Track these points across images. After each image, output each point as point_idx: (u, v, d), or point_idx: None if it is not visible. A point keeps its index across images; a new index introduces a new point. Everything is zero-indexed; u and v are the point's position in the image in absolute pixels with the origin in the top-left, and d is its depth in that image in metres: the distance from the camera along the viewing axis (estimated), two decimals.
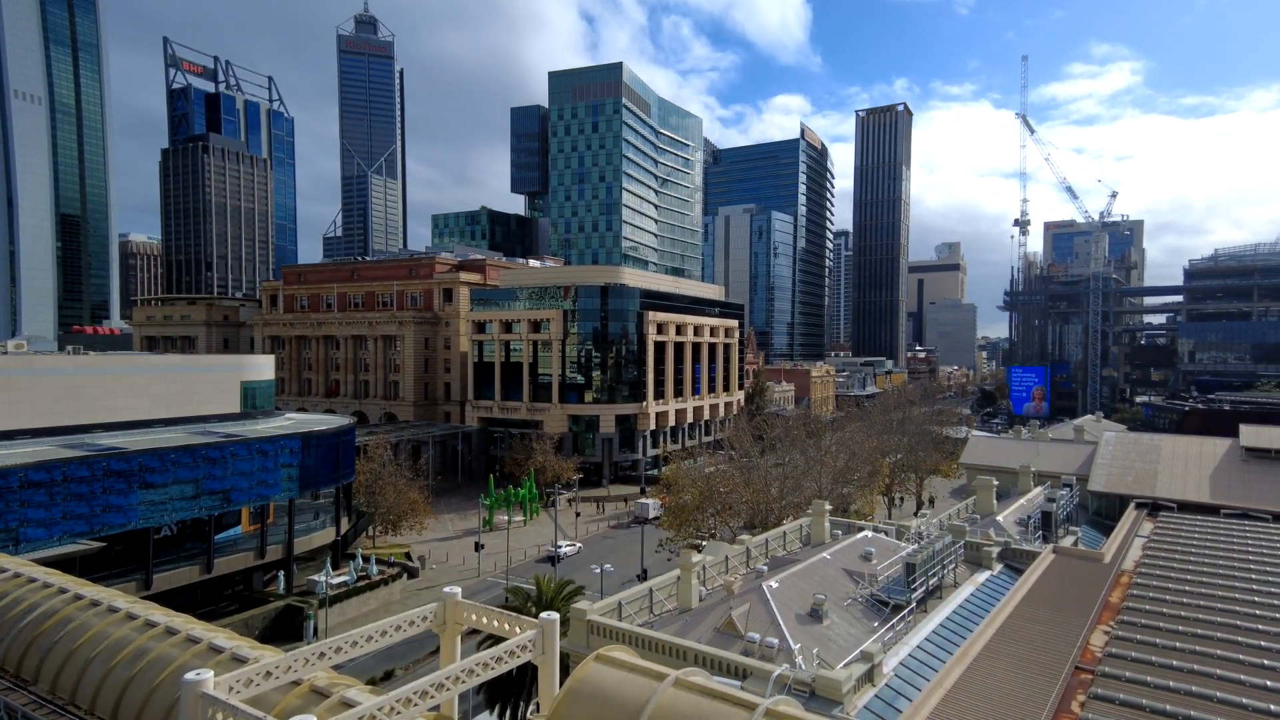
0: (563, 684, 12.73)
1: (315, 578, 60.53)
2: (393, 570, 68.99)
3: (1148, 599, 30.91)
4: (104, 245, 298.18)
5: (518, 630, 14.24)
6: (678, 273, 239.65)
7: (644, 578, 63.70)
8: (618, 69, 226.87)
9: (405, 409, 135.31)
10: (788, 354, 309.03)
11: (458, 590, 15.79)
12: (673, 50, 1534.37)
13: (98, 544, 47.97)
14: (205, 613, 51.24)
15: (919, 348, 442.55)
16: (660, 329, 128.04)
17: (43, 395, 61.64)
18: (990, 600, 36.11)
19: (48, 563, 32.03)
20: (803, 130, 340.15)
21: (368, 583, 64.49)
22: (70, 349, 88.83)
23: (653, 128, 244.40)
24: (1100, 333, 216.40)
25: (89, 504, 47.11)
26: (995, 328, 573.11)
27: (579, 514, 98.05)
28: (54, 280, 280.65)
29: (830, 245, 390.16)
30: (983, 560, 40.90)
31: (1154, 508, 51.14)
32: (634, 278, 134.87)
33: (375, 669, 49.32)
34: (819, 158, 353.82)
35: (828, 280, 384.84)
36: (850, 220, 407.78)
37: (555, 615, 14.16)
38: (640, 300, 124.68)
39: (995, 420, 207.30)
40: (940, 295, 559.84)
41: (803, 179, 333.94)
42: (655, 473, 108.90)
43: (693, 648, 26.74)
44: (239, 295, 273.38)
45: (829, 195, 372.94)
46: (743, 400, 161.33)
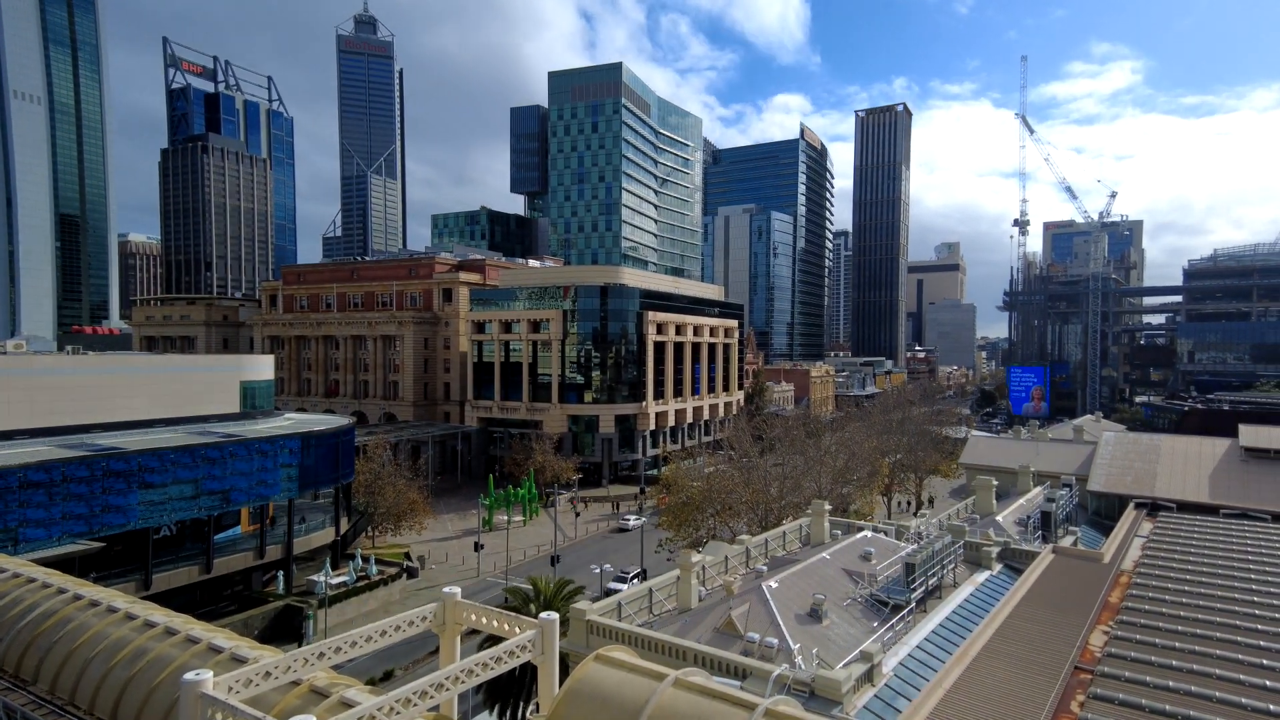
0: (562, 684, 12.73)
1: (315, 578, 60.49)
2: (392, 570, 69.00)
3: (1147, 599, 30.93)
4: (103, 245, 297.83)
5: (517, 630, 14.23)
6: (677, 273, 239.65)
7: (644, 578, 63.72)
8: (617, 69, 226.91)
9: (405, 409, 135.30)
10: (787, 354, 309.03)
11: (457, 590, 15.78)
12: (670, 48, 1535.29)
13: (97, 544, 47.94)
14: (205, 613, 51.22)
15: (918, 348, 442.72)
16: (660, 329, 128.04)
17: (42, 395, 61.56)
18: (990, 600, 36.12)
19: (47, 563, 32.03)
20: (802, 130, 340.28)
21: (367, 583, 64.51)
22: (69, 349, 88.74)
23: (652, 128, 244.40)
24: (1100, 333, 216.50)
25: (88, 504, 47.09)
26: (995, 328, 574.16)
27: (578, 514, 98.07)
28: (53, 280, 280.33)
29: (830, 245, 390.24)
30: (982, 560, 40.92)
31: (1153, 508, 51.18)
32: (633, 278, 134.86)
33: (375, 669, 49.30)
34: (818, 158, 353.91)
35: (827, 280, 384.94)
36: (850, 220, 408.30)
37: (555, 615, 14.15)
38: (640, 300, 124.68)
39: (995, 420, 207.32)
40: (940, 295, 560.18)
41: (802, 179, 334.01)
42: (655, 473, 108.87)
43: (692, 648, 26.73)
44: (238, 295, 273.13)
45: (829, 195, 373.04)
46: (742, 400, 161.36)
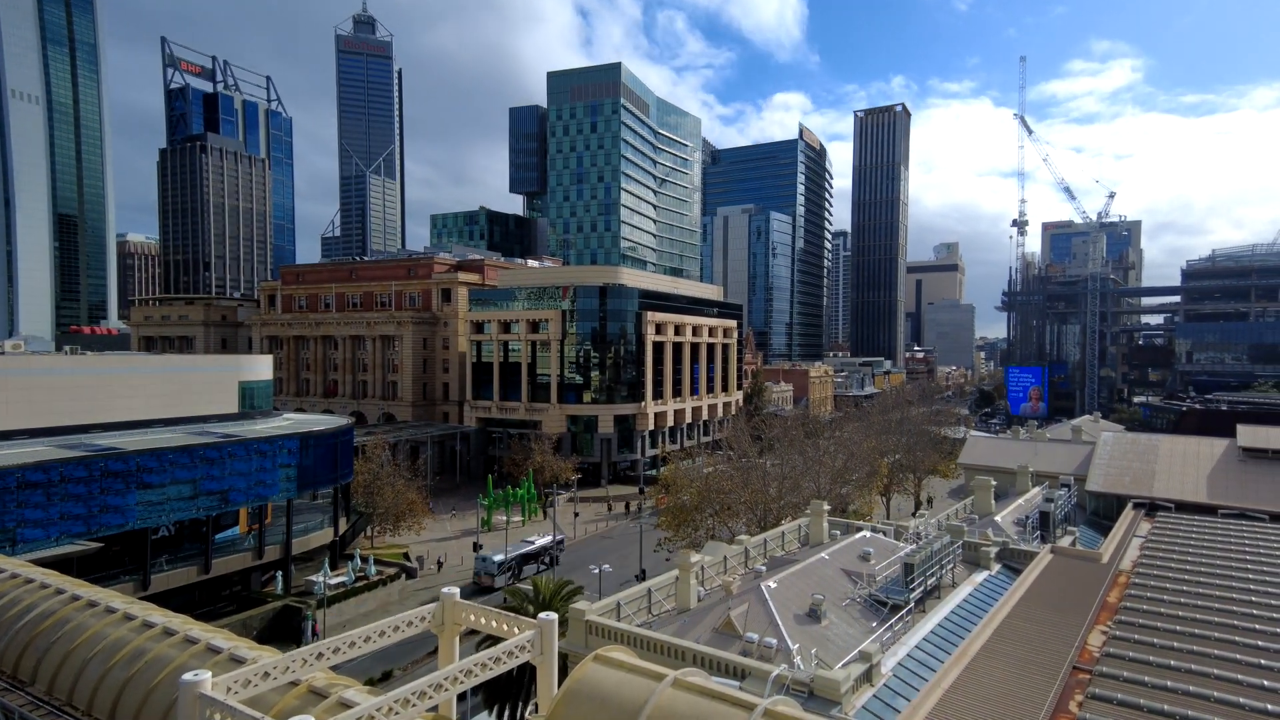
0: (561, 684, 12.73)
1: (313, 578, 60.45)
2: (391, 571, 68.96)
3: (1145, 599, 30.97)
4: (101, 245, 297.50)
5: (516, 631, 14.23)
6: (676, 273, 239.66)
7: (642, 578, 63.73)
8: (616, 69, 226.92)
9: (403, 409, 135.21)
10: (786, 354, 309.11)
11: (456, 590, 15.77)
12: (667, 45, 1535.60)
13: (95, 544, 47.91)
14: (203, 613, 51.18)
15: (917, 348, 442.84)
16: (659, 329, 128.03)
17: (40, 395, 61.50)
18: (988, 600, 36.14)
19: (45, 563, 31.99)
20: (801, 131, 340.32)
21: (366, 583, 64.48)
22: (67, 349, 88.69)
23: (651, 128, 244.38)
24: (1098, 333, 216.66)
25: (86, 504, 47.03)
26: (993, 328, 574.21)
27: (577, 514, 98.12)
28: (51, 280, 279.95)
29: (829, 245, 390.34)
30: (981, 560, 40.95)
31: (1152, 508, 51.23)
32: (632, 278, 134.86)
33: (374, 669, 49.26)
34: (817, 158, 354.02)
35: (826, 280, 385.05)
36: (848, 220, 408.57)
37: (554, 616, 14.14)
38: (639, 300, 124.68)
39: (993, 420, 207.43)
40: (938, 295, 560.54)
41: (801, 179, 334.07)
42: (654, 473, 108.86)
43: (691, 648, 26.72)
44: (237, 295, 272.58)
45: (827, 195, 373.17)
46: (741, 400, 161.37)
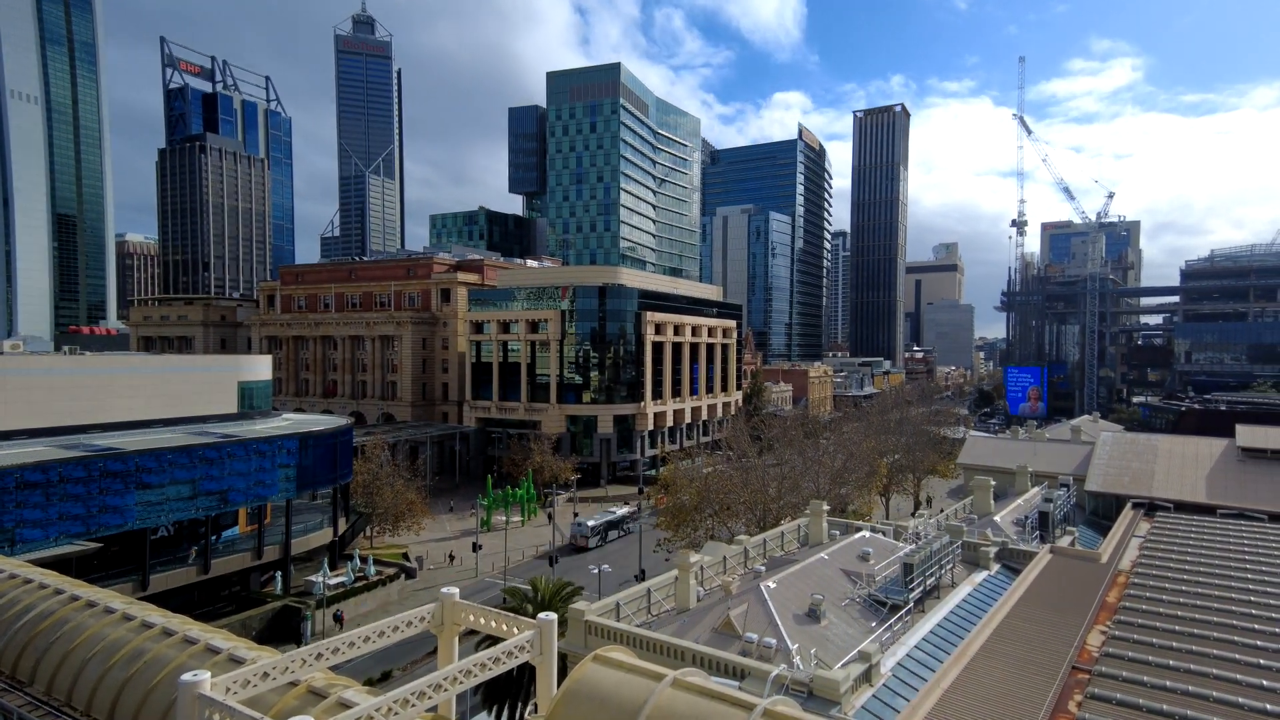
0: (560, 684, 12.72)
1: (313, 578, 60.40)
2: (390, 571, 68.94)
3: (1144, 599, 30.99)
4: (100, 245, 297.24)
5: (515, 631, 14.22)
6: (675, 273, 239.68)
7: (642, 578, 63.73)
8: (615, 69, 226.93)
9: (403, 409, 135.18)
10: (785, 354, 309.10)
11: (455, 591, 15.76)
12: (665, 44, 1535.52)
13: (94, 545, 47.89)
14: (202, 613, 51.13)
15: (916, 348, 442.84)
16: (658, 329, 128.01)
17: (39, 395, 61.45)
18: (987, 600, 36.15)
19: (44, 564, 31.99)
20: (800, 131, 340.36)
21: (365, 583, 64.46)
22: (66, 349, 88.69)
23: (650, 128, 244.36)
24: (1097, 333, 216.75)
25: (85, 505, 46.99)
26: (993, 328, 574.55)
27: (576, 514, 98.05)
28: (50, 280, 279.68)
29: (828, 246, 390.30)
30: (980, 560, 40.97)
31: (1151, 508, 51.28)
32: (632, 278, 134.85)
33: (373, 670, 49.25)
34: (817, 158, 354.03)
35: (825, 281, 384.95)
36: (848, 220, 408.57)
37: (553, 616, 14.13)
38: (638, 300, 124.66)
39: (993, 420, 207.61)
40: (938, 296, 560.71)
41: (800, 180, 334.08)
42: (653, 473, 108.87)
43: (690, 648, 26.71)
44: (236, 295, 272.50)
45: (827, 196, 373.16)
46: (740, 401, 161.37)
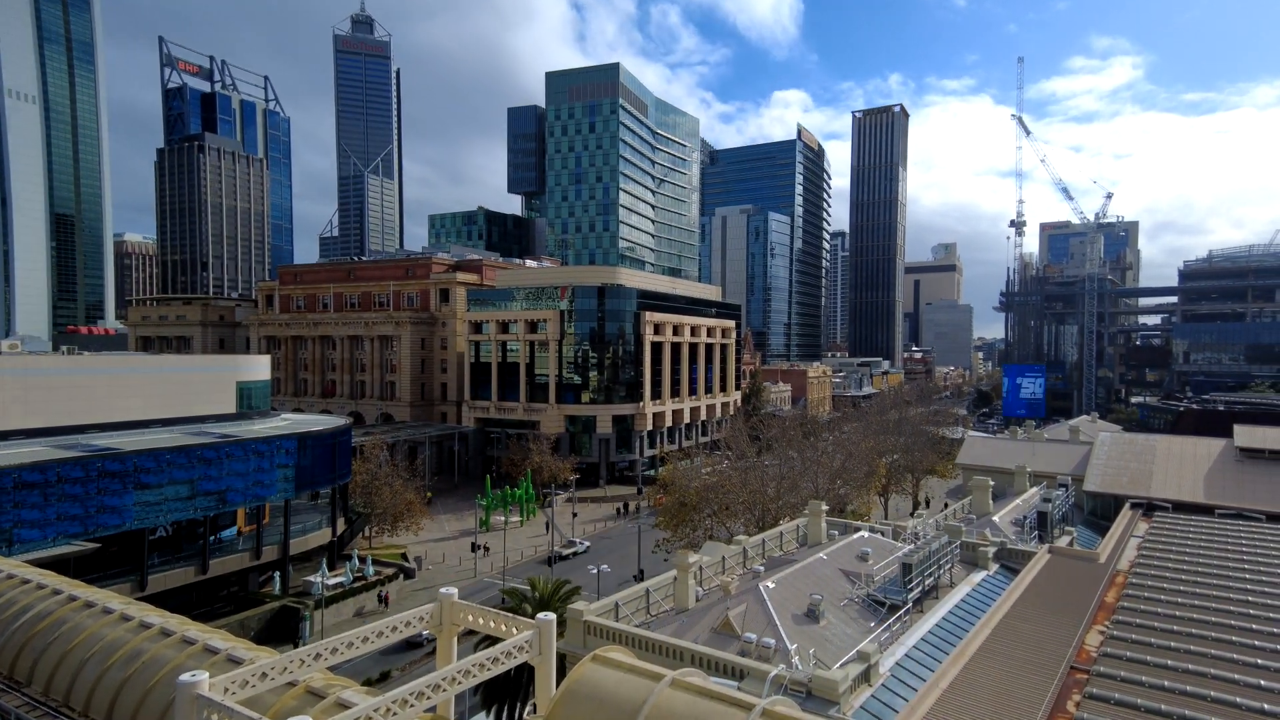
0: (559, 684, 12.72)
1: (311, 579, 60.36)
2: (389, 571, 68.89)
3: (1143, 599, 31.02)
4: (99, 245, 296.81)
5: (514, 631, 14.22)
6: (674, 273, 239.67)
7: (641, 578, 63.73)
8: (614, 69, 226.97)
9: (402, 409, 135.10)
10: (784, 354, 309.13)
11: (454, 591, 15.75)
12: (661, 41, 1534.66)
13: (92, 545, 47.84)
14: (201, 614, 51.07)
15: (915, 348, 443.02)
16: (657, 329, 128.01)
17: (37, 395, 61.37)
18: (986, 600, 36.16)
19: (42, 564, 31.95)
20: (799, 131, 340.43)
21: (364, 584, 64.41)
22: (65, 349, 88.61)
23: (649, 128, 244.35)
24: (1095, 333, 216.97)
25: (84, 505, 46.93)
26: (992, 328, 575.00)
27: (575, 514, 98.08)
28: (48, 280, 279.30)
29: (827, 246, 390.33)
30: (979, 560, 40.99)
31: (1149, 508, 51.33)
32: (631, 278, 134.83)
33: (372, 670, 49.24)
34: (815, 158, 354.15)
35: (824, 281, 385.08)
36: (847, 220, 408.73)
37: (552, 616, 14.14)
38: (637, 301, 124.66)
39: (991, 420, 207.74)
40: (936, 296, 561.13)
41: (799, 180, 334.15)
42: (652, 473, 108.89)
43: (689, 648, 26.70)
44: (235, 295, 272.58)
45: (826, 196, 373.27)
46: (739, 401, 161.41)
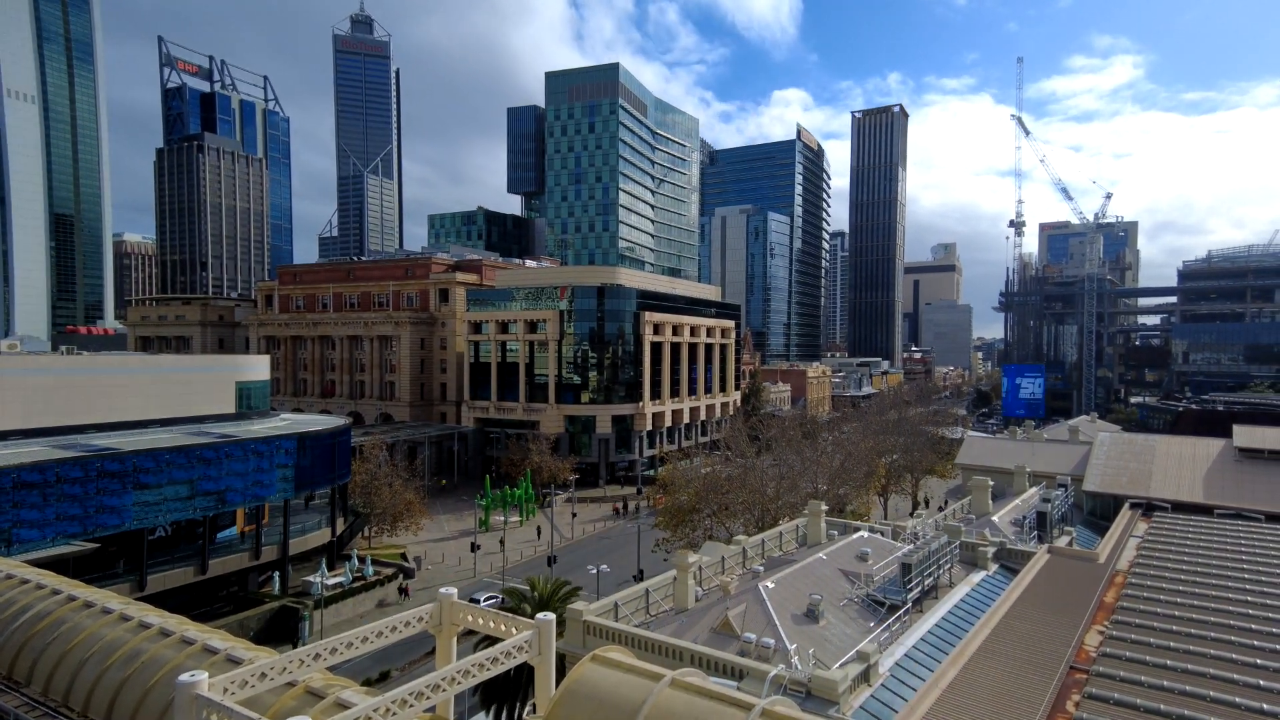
0: (559, 684, 12.72)
1: (311, 579, 60.34)
2: (389, 571, 68.87)
3: (1142, 599, 31.03)
4: (98, 245, 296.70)
5: (514, 631, 14.21)
6: (674, 273, 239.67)
7: (640, 578, 63.72)
8: (614, 69, 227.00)
9: (401, 409, 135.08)
10: (784, 354, 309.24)
11: (454, 591, 15.75)
12: (659, 39, 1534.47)
13: (92, 545, 47.85)
14: (200, 614, 51.04)
15: (915, 348, 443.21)
16: (657, 329, 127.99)
17: (36, 395, 61.34)
18: (986, 600, 36.17)
19: (41, 564, 31.93)
20: (799, 131, 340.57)
21: (363, 584, 64.39)
22: (64, 349, 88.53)
23: (649, 128, 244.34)
24: (1095, 334, 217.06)
25: (83, 505, 46.90)
26: (991, 328, 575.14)
27: (575, 514, 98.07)
28: (47, 280, 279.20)
29: (826, 246, 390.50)
30: (978, 560, 41.00)
31: (1148, 508, 51.35)
32: (630, 278, 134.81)
33: (371, 670, 49.21)
34: (815, 158, 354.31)
35: (824, 281, 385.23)
36: (846, 220, 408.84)
37: (551, 616, 14.13)
38: (637, 301, 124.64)
39: (991, 421, 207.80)
40: (936, 296, 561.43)
41: (799, 180, 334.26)
42: (651, 473, 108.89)
43: (689, 648, 26.70)
44: (234, 295, 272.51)
45: (825, 196, 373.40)
46: (739, 401, 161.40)
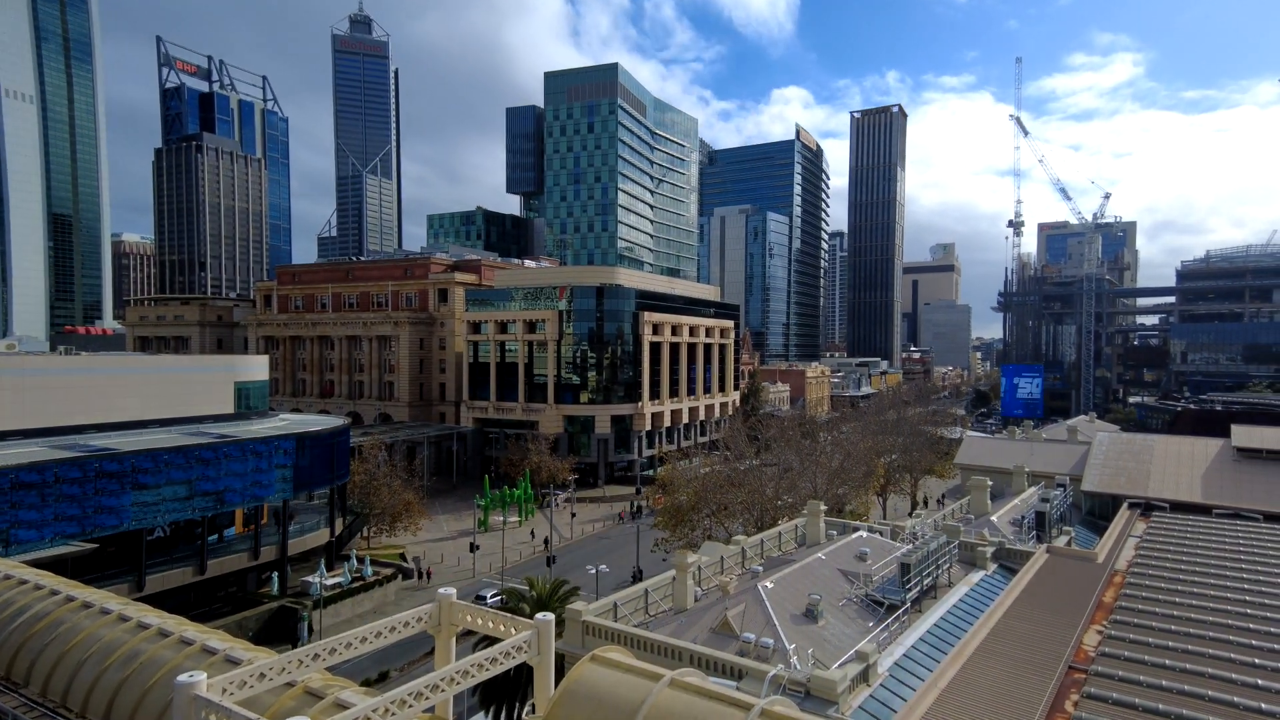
0: (558, 685, 12.72)
1: (309, 579, 60.29)
2: (388, 571, 68.85)
3: (1140, 598, 31.06)
4: (96, 245, 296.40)
5: (513, 631, 14.21)
6: (673, 273, 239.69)
7: (639, 578, 63.72)
8: (613, 69, 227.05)
9: (400, 409, 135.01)
10: (783, 354, 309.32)
11: (453, 591, 15.74)
12: (655, 36, 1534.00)
13: (90, 545, 47.81)
14: (199, 614, 50.98)
15: (914, 348, 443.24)
16: (656, 329, 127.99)
17: (34, 396, 61.28)
18: (984, 600, 36.19)
19: (39, 564, 31.87)
20: (798, 131, 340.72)
21: (362, 584, 64.36)
22: (62, 349, 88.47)
23: (648, 128, 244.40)
24: (1093, 333, 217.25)
25: (81, 505, 46.85)
26: (990, 328, 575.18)
27: (574, 514, 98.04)
28: (46, 280, 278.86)
29: (825, 246, 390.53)
30: (977, 560, 41.03)
31: (1147, 508, 51.40)
32: (629, 278, 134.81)
33: (370, 670, 49.17)
34: (814, 158, 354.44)
35: (823, 281, 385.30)
36: (845, 220, 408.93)
37: (550, 616, 14.12)
38: (636, 301, 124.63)
39: (989, 420, 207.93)
40: (935, 296, 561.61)
41: (798, 180, 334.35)
42: (651, 473, 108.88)
43: (688, 648, 26.70)
44: (233, 295, 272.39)
45: (824, 196, 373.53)
46: (738, 401, 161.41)
